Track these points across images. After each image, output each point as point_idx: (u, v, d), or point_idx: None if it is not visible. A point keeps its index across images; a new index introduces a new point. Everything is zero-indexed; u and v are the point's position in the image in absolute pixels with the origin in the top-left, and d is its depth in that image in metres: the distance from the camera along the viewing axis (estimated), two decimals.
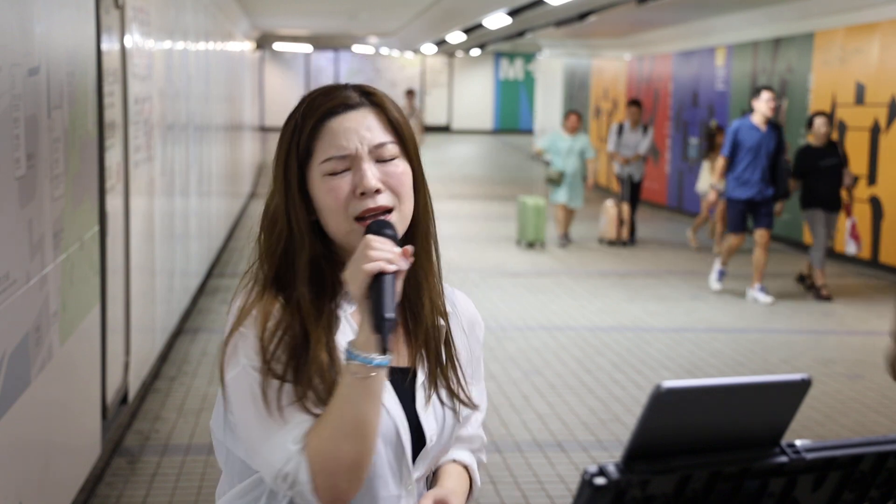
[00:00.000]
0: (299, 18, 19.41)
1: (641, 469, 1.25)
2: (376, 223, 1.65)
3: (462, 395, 1.78)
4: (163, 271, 6.90)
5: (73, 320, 4.22)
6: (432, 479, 1.83)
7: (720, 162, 9.62)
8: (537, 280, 10.44)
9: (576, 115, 12.92)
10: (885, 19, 11.02)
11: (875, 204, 11.14)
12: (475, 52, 30.18)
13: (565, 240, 12.90)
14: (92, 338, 4.66)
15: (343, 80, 1.89)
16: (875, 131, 11.16)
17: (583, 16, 13.94)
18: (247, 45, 18.16)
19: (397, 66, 34.49)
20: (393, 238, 1.63)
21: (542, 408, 6.15)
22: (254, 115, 20.28)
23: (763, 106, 9.29)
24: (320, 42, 29.81)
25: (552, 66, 25.58)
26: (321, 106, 1.69)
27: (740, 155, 9.36)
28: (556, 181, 12.63)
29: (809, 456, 1.34)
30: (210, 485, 4.91)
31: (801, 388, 1.33)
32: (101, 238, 4.83)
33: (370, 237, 1.61)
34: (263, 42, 26.25)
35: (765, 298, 9.40)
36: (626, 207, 13.07)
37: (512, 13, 14.07)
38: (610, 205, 13.05)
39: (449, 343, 1.79)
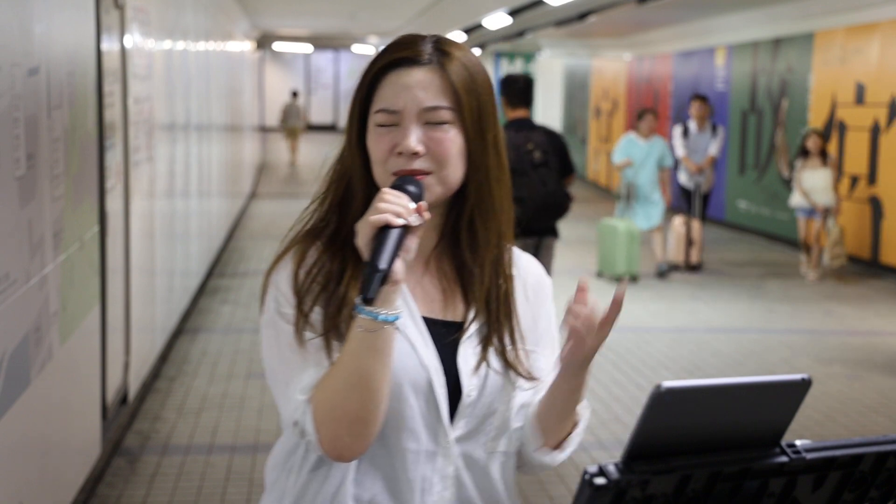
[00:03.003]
0: (299, 18, 19.41)
1: (641, 469, 1.25)
2: (402, 178, 1.64)
3: (515, 364, 1.72)
4: (163, 271, 6.90)
5: (73, 320, 4.22)
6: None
7: None
8: None
9: (653, 115, 10.89)
10: (885, 19, 11.02)
11: (875, 204, 11.14)
12: (475, 51, 30.20)
13: (664, 267, 10.86)
14: (92, 338, 4.66)
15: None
16: (875, 131, 11.16)
17: (583, 16, 13.93)
18: (247, 45, 18.16)
19: None
20: (415, 195, 1.61)
21: None
22: (254, 115, 20.28)
23: None
24: (320, 42, 29.81)
25: (552, 66, 25.58)
26: (388, 55, 1.68)
27: None
28: (627, 197, 10.78)
29: (809, 456, 1.35)
30: (210, 485, 4.91)
31: (801, 388, 1.33)
32: (101, 238, 4.83)
33: (384, 190, 1.59)
34: (263, 42, 26.25)
35: None
36: (697, 225, 11.11)
37: (512, 13, 14.08)
38: (678, 223, 11.14)
39: (509, 307, 1.75)
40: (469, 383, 1.68)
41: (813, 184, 10.31)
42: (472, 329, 1.71)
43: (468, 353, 1.70)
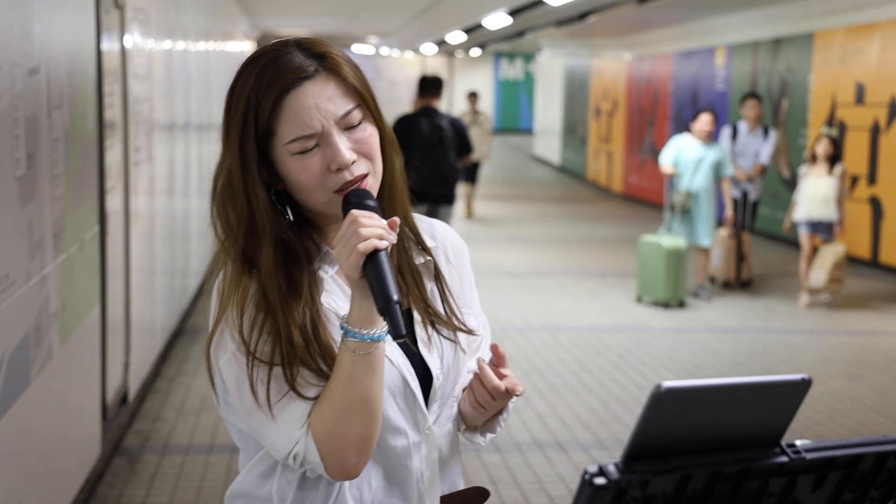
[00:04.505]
0: (299, 18, 19.40)
1: (641, 469, 1.25)
2: (355, 194, 1.60)
3: (458, 325, 1.76)
4: (163, 271, 6.90)
5: (73, 320, 4.22)
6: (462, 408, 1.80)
7: None
8: (537, 280, 10.44)
9: (712, 116, 9.40)
10: (885, 19, 11.02)
11: (875, 204, 11.14)
12: (475, 52, 30.18)
13: (703, 288, 9.58)
14: (92, 338, 4.66)
15: None
16: (875, 131, 11.16)
17: (583, 16, 13.93)
18: (247, 45, 18.16)
19: (397, 66, 34.51)
20: (376, 209, 1.59)
21: (542, 408, 6.14)
22: None
23: None
24: None
25: (552, 66, 25.58)
26: (275, 82, 1.60)
27: None
28: (685, 207, 9.26)
29: (809, 456, 1.35)
30: (210, 485, 4.91)
31: (801, 388, 1.34)
32: (101, 238, 4.83)
33: (357, 213, 1.55)
34: (263, 42, 26.25)
35: None
36: (747, 238, 9.89)
37: (512, 13, 14.07)
38: (725, 235, 9.84)
39: (439, 277, 1.77)
40: (435, 366, 1.71)
41: (813, 192, 8.99)
42: (417, 312, 1.73)
43: (423, 335, 1.73)
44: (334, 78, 1.63)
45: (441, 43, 23.23)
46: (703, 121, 9.29)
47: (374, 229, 1.53)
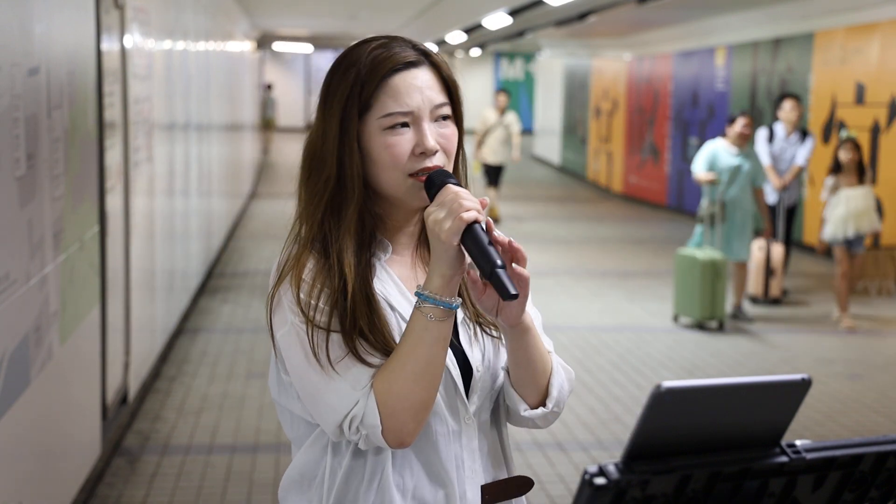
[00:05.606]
0: (299, 18, 19.40)
1: (641, 469, 1.25)
2: (440, 173, 1.70)
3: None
4: (163, 271, 6.90)
5: (73, 320, 4.22)
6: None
7: None
8: (537, 280, 10.40)
9: (749, 119, 8.51)
10: (885, 19, 11.02)
11: (875, 204, 11.13)
12: (475, 52, 30.17)
13: (739, 310, 8.64)
14: (92, 338, 4.66)
15: None
16: (875, 131, 11.16)
17: (583, 16, 13.93)
18: (247, 45, 18.16)
19: None
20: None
21: None
22: (254, 115, 20.27)
23: None
24: (320, 42, 29.80)
25: (552, 66, 25.57)
26: (385, 61, 1.70)
27: None
28: (716, 218, 8.43)
29: (809, 456, 1.35)
30: (210, 485, 4.91)
31: (801, 388, 1.34)
32: (101, 238, 4.83)
33: (456, 188, 1.65)
34: (263, 42, 26.25)
35: None
36: (778, 249, 9.13)
37: (512, 13, 14.07)
38: (755, 247, 9.06)
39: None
40: (476, 359, 1.77)
41: (854, 206, 8.35)
42: (461, 308, 1.79)
43: (467, 331, 1.79)
44: (436, 72, 1.75)
45: (441, 43, 23.22)
46: (741, 123, 8.43)
47: (474, 202, 1.63)
